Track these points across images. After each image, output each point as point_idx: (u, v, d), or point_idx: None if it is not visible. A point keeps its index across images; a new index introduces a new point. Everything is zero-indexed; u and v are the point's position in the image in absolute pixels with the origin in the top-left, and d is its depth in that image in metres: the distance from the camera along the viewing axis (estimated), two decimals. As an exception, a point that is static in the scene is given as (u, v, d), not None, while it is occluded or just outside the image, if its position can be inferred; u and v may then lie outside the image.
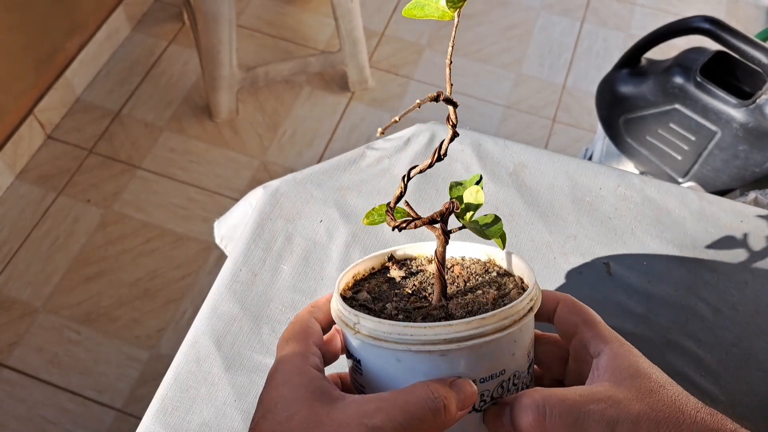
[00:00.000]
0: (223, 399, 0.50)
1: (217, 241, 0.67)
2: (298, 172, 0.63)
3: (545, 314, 0.40)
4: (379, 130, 0.32)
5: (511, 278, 0.40)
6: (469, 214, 0.38)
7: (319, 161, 1.53)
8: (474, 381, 0.35)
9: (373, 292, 0.39)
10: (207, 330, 0.54)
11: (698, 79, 0.97)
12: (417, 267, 0.42)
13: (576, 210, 0.60)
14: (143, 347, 1.28)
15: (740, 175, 0.99)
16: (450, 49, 0.34)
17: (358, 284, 0.41)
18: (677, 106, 1.00)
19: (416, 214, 0.37)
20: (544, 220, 0.59)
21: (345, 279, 0.40)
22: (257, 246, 0.57)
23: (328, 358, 0.39)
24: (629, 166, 1.15)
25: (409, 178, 0.36)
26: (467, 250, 0.43)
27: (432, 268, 0.41)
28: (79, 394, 1.23)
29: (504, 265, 0.41)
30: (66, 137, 1.53)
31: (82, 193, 1.46)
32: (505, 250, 0.40)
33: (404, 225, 0.36)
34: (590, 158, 1.29)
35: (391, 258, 0.43)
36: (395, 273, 0.41)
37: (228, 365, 0.52)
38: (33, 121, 1.48)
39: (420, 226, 0.36)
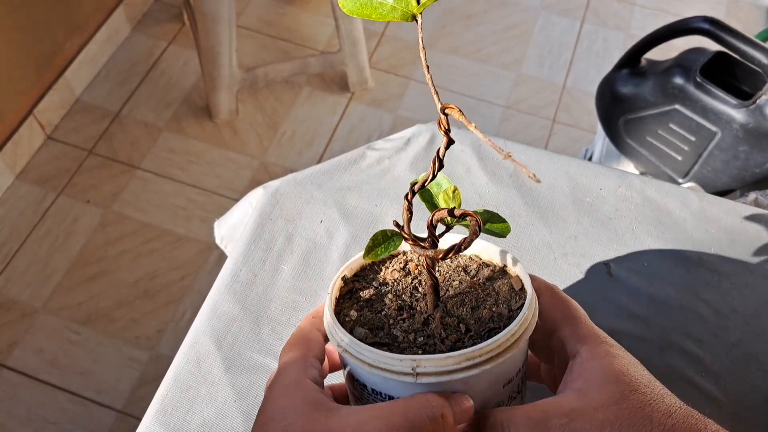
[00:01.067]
0: (223, 399, 0.50)
1: (217, 241, 0.67)
2: (298, 172, 0.63)
3: None
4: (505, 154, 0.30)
5: (506, 279, 0.39)
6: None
7: (319, 161, 1.53)
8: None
9: (364, 305, 0.38)
10: (207, 330, 0.53)
11: (698, 80, 0.97)
12: (407, 261, 0.41)
13: (576, 211, 0.60)
14: (143, 348, 1.28)
15: (740, 175, 0.99)
16: (422, 54, 0.31)
17: (350, 283, 0.40)
18: (677, 106, 1.00)
19: (409, 233, 0.36)
20: (545, 221, 0.59)
21: (336, 287, 0.39)
22: (257, 246, 0.57)
23: (332, 367, 0.39)
24: (629, 167, 1.15)
25: (413, 195, 0.35)
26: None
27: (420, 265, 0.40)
28: (78, 395, 1.23)
29: (498, 261, 0.40)
30: (66, 138, 1.53)
31: (82, 193, 1.46)
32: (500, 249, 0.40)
33: (450, 253, 0.35)
34: (590, 158, 1.29)
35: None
36: (389, 274, 0.40)
37: (228, 365, 0.52)
38: (33, 121, 1.48)
39: (446, 255, 0.35)
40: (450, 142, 0.33)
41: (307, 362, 0.36)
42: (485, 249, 0.41)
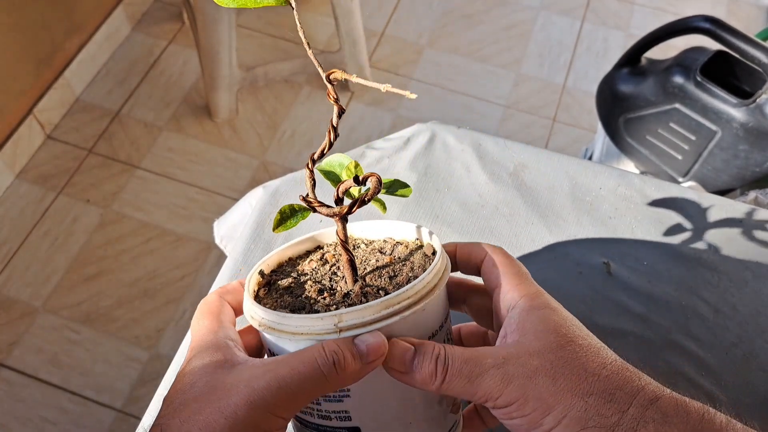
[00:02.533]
0: (223, 399, 0.50)
1: (217, 241, 0.67)
2: (297, 171, 0.63)
3: (473, 267, 0.40)
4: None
5: (421, 251, 0.40)
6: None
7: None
8: None
9: (283, 293, 0.39)
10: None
11: (698, 79, 0.97)
12: (324, 254, 0.41)
13: (576, 210, 0.60)
14: (143, 347, 1.28)
15: (740, 174, 0.99)
16: (296, 17, 0.32)
17: (267, 276, 0.40)
18: (677, 105, 1.00)
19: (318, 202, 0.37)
20: (544, 220, 0.59)
21: (254, 280, 0.39)
22: (257, 246, 0.57)
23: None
24: (629, 166, 1.14)
25: (313, 163, 0.37)
26: (379, 228, 0.42)
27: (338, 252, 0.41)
28: (78, 394, 1.23)
29: (413, 238, 0.41)
30: (65, 137, 1.53)
31: (82, 192, 1.46)
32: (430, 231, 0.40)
33: (354, 207, 0.36)
34: (590, 158, 1.29)
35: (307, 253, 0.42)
36: (307, 265, 0.40)
37: (228, 365, 0.52)
38: (32, 121, 1.48)
39: (332, 214, 0.36)
40: (341, 110, 0.34)
41: (219, 325, 0.37)
42: (399, 229, 0.42)
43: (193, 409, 0.31)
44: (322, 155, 0.36)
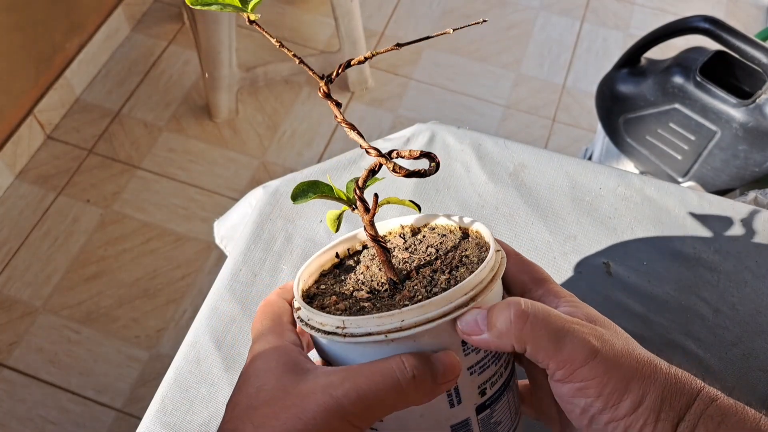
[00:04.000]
0: (223, 399, 0.50)
1: (217, 241, 0.67)
2: (298, 171, 0.63)
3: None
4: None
5: (468, 240, 0.39)
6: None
7: (318, 161, 1.53)
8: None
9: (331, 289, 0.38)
10: (207, 330, 0.53)
11: (698, 79, 0.97)
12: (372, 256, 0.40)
13: (576, 210, 0.60)
14: (143, 347, 1.28)
15: (740, 174, 0.99)
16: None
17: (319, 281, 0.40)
18: (677, 105, 1.00)
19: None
20: (544, 220, 0.59)
21: (303, 280, 0.39)
22: (257, 246, 0.57)
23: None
24: (629, 166, 1.15)
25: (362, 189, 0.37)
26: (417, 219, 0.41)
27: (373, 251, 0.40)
28: (79, 394, 1.23)
29: (455, 226, 0.40)
30: (65, 137, 1.53)
31: (82, 193, 1.46)
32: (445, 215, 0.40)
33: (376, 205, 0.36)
34: (590, 158, 1.29)
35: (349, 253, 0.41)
36: (356, 267, 0.40)
37: (228, 365, 0.52)
38: (33, 121, 1.48)
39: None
40: (337, 104, 0.36)
41: (282, 327, 0.36)
42: (440, 220, 0.41)
43: (266, 414, 0.31)
44: (367, 178, 0.36)
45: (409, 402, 0.32)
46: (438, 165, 0.34)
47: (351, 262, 0.40)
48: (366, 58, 0.34)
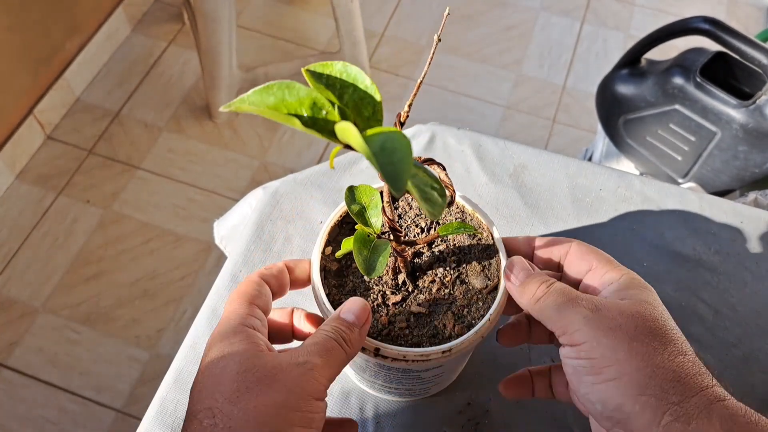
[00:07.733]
0: (223, 400, 0.50)
1: (217, 241, 0.67)
2: (298, 172, 0.63)
3: (554, 264, 0.42)
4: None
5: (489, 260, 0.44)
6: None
7: (318, 162, 1.53)
8: None
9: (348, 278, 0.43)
10: (207, 331, 0.53)
11: (698, 80, 0.97)
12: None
13: (576, 211, 0.60)
14: (143, 347, 1.28)
15: (740, 175, 0.99)
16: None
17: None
18: (677, 106, 1.00)
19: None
20: (544, 221, 0.59)
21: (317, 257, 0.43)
22: (257, 247, 0.57)
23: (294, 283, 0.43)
24: (629, 167, 1.15)
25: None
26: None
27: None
28: (78, 394, 1.23)
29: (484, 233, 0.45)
30: (65, 138, 1.53)
31: (82, 193, 1.46)
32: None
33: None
34: (590, 159, 1.29)
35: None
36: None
37: (228, 366, 0.52)
38: (32, 121, 1.48)
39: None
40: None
41: (251, 312, 0.39)
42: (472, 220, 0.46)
43: (237, 388, 0.34)
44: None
45: (350, 356, 0.38)
46: (453, 199, 0.40)
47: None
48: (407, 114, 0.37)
